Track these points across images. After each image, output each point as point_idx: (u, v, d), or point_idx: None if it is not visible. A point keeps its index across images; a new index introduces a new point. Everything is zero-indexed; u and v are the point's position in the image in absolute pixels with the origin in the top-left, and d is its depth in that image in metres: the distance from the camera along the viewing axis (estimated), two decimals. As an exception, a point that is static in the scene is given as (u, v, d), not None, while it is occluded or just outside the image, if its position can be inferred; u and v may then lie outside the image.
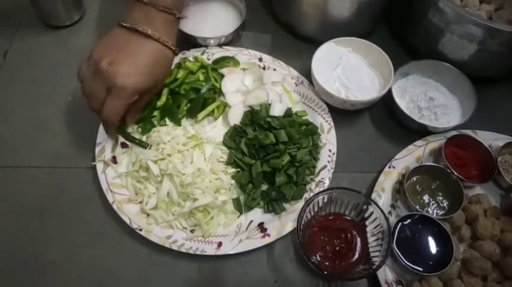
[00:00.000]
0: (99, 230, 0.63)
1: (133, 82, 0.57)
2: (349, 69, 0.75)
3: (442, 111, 0.73)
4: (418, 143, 0.70)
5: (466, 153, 0.69)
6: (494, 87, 0.79)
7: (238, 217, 0.64)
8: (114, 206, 0.62)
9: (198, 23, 0.81)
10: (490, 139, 0.71)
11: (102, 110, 0.59)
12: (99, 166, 0.65)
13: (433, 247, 0.60)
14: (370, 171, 0.70)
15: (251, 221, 0.64)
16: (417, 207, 0.63)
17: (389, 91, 0.72)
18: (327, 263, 0.59)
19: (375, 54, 0.75)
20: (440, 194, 0.66)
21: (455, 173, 0.64)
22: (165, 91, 0.71)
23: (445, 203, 0.65)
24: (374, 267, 0.55)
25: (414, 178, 0.67)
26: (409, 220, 0.61)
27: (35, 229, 0.63)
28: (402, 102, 0.73)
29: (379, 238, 0.59)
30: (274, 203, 0.64)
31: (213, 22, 0.81)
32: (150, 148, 0.65)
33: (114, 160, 0.66)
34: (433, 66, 0.75)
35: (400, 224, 0.61)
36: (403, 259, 0.58)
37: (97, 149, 0.67)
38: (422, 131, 0.71)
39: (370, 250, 0.59)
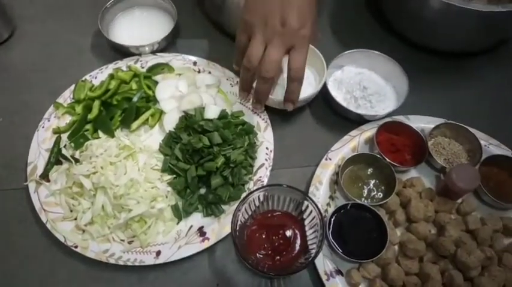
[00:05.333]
0: (34, 251, 0.62)
1: (311, 29, 0.60)
2: (284, 68, 0.74)
3: (377, 99, 0.74)
4: (353, 133, 0.71)
5: (399, 139, 0.70)
6: (426, 70, 0.81)
7: (178, 223, 0.64)
8: (48, 225, 0.61)
9: (129, 31, 0.81)
10: (423, 123, 0.72)
11: (276, 70, 0.61)
12: (32, 186, 0.64)
13: (370, 233, 0.61)
14: (310, 165, 0.70)
15: (191, 226, 0.63)
16: (354, 196, 0.64)
17: (325, 85, 0.73)
18: (267, 261, 0.59)
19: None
20: (376, 181, 0.67)
21: (387, 159, 0.65)
22: (97, 103, 0.70)
23: (381, 189, 0.66)
24: (310, 259, 0.56)
25: (350, 168, 0.68)
26: (343, 210, 0.62)
27: (-32, 256, 0.61)
28: (339, 95, 0.75)
29: (316, 230, 0.60)
30: (212, 206, 0.64)
31: (144, 29, 0.81)
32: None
33: (47, 178, 0.65)
34: (365, 55, 0.77)
35: (335, 215, 0.62)
36: (339, 248, 0.59)
37: (29, 169, 0.65)
38: (361, 121, 0.72)
39: (309, 242, 0.60)
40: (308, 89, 0.73)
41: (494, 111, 0.78)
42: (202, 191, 0.66)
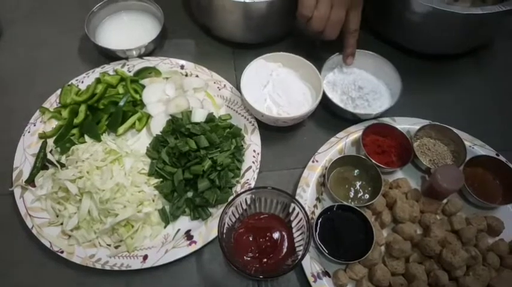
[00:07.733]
0: (20, 257, 0.61)
1: None
2: (280, 85, 0.73)
3: (373, 97, 0.74)
4: (340, 135, 0.72)
5: (385, 140, 0.71)
6: (410, 72, 0.80)
7: (165, 227, 0.63)
8: (34, 231, 0.60)
9: (116, 35, 0.80)
10: (409, 124, 0.73)
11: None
12: (17, 191, 0.64)
13: (356, 234, 0.61)
14: (297, 167, 0.71)
15: (178, 230, 0.63)
16: (341, 197, 0.64)
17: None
18: (255, 264, 0.59)
19: (304, 67, 0.74)
20: (363, 182, 0.67)
21: (373, 161, 0.66)
22: (83, 108, 0.70)
23: (367, 191, 0.66)
24: (296, 261, 0.56)
25: (337, 170, 0.68)
26: (330, 212, 0.62)
27: (-47, 263, 0.60)
28: (335, 96, 0.75)
29: (302, 232, 0.60)
30: (199, 210, 0.64)
31: (131, 33, 0.81)
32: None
33: (32, 183, 0.64)
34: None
35: (322, 216, 0.62)
36: (325, 250, 0.59)
37: (14, 174, 0.65)
38: (356, 120, 0.73)
39: (296, 244, 0.60)
40: (304, 106, 0.71)
41: (478, 113, 0.79)
42: (190, 194, 0.66)
